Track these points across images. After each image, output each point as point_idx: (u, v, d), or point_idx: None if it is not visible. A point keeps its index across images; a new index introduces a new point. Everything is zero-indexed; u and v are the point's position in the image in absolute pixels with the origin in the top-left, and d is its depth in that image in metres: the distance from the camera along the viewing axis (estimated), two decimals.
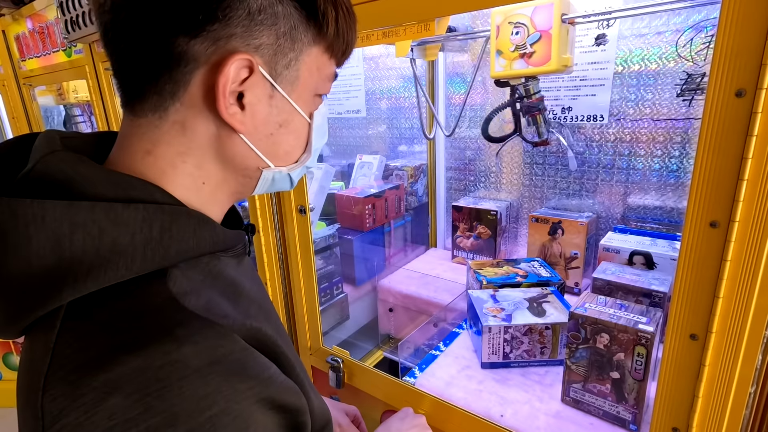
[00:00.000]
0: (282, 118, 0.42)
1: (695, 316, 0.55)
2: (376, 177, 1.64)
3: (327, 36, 0.41)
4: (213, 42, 0.35)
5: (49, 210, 0.31)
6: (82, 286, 0.32)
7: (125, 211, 0.34)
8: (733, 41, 0.46)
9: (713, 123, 0.49)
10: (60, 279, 0.32)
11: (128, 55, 0.36)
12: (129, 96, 0.38)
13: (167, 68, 0.36)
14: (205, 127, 0.39)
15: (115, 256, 0.33)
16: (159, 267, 0.35)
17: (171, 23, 0.35)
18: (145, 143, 0.38)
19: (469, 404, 0.88)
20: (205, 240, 0.38)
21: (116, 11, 0.35)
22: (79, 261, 0.32)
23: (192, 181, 0.40)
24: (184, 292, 0.35)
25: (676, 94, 1.09)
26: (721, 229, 0.51)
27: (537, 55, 0.92)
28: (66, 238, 0.32)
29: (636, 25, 1.10)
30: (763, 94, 0.45)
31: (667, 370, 0.60)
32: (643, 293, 0.95)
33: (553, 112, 1.27)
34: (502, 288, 1.12)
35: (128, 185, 0.36)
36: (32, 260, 0.31)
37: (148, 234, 0.34)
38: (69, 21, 1.31)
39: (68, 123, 2.30)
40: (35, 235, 0.31)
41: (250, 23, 0.36)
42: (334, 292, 1.41)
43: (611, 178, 1.24)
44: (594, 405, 0.84)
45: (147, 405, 0.29)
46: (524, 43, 0.93)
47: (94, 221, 0.32)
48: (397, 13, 0.71)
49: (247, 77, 0.37)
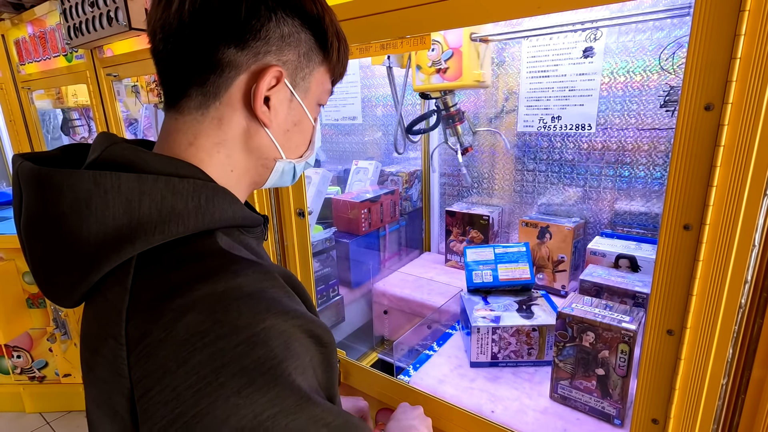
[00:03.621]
0: (296, 118, 0.52)
1: (671, 312, 0.59)
2: (372, 182, 1.68)
3: (331, 60, 0.53)
4: (254, 55, 0.46)
5: (124, 180, 0.40)
6: (152, 238, 0.40)
7: (180, 183, 0.42)
8: (703, 59, 0.51)
9: (685, 134, 0.53)
10: (133, 233, 0.40)
11: (183, 62, 0.45)
12: (175, 98, 0.47)
13: (214, 73, 0.45)
14: (237, 122, 0.48)
15: (174, 216, 0.41)
16: (206, 228, 0.43)
17: (224, 37, 0.44)
18: (188, 136, 0.48)
19: (461, 401, 0.92)
20: (237, 213, 0.47)
21: (181, 27, 0.44)
22: (146, 220, 0.40)
23: (223, 168, 0.49)
24: (230, 246, 0.44)
25: (659, 105, 1.15)
26: (694, 232, 0.55)
27: (450, 71, 1.00)
28: (136, 202, 0.40)
29: (621, 39, 1.15)
30: (729, 108, 0.50)
31: (647, 364, 0.63)
32: (627, 294, 0.99)
33: (543, 120, 1.32)
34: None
35: (179, 165, 0.45)
36: (109, 221, 0.39)
37: (197, 202, 0.43)
38: (72, 27, 1.34)
39: (65, 126, 2.32)
40: (113, 199, 0.39)
41: (282, 43, 0.47)
42: (330, 295, 1.44)
43: (599, 184, 1.29)
44: (581, 401, 0.88)
45: (215, 319, 0.37)
46: (439, 59, 1.01)
47: (157, 190, 0.41)
48: (396, 27, 0.75)
49: (275, 85, 0.48)
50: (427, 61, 1.03)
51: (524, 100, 1.33)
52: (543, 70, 1.28)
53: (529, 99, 1.32)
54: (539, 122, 1.32)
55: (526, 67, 1.30)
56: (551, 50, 1.24)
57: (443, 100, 1.13)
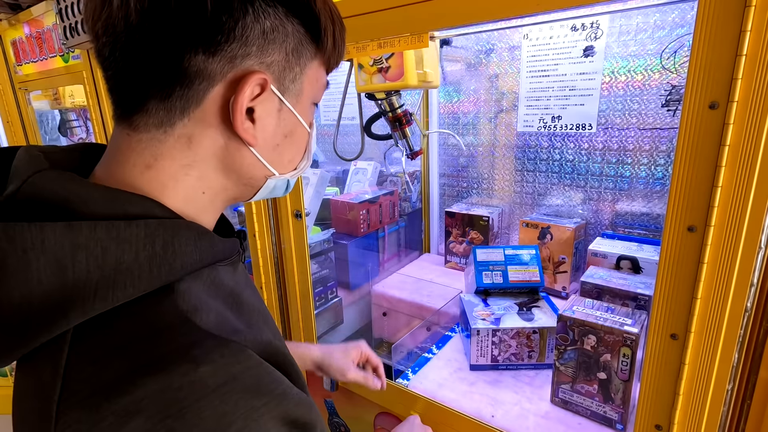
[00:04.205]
0: (288, 129, 0.43)
1: (675, 316, 0.58)
2: (371, 183, 1.67)
3: (326, 49, 0.43)
4: (230, 60, 0.37)
5: (49, 233, 0.30)
6: (90, 307, 0.31)
7: (127, 228, 0.33)
8: (707, 56, 0.50)
9: (689, 133, 0.52)
10: (66, 302, 0.31)
11: (137, 71, 0.36)
12: (128, 110, 0.38)
13: (180, 85, 0.36)
14: (213, 140, 0.39)
15: (120, 275, 0.32)
16: (165, 282, 0.35)
17: (188, 42, 0.35)
18: (146, 158, 0.38)
19: (461, 405, 0.90)
20: (206, 252, 0.38)
21: (129, 30, 0.34)
22: (83, 283, 0.31)
23: (192, 191, 0.40)
24: (194, 308, 0.35)
25: (661, 105, 1.13)
26: (698, 234, 0.54)
27: (392, 70, 0.92)
28: (68, 260, 0.31)
29: (622, 38, 1.14)
30: (735, 106, 0.49)
31: (650, 369, 0.62)
32: (629, 296, 0.98)
33: (543, 120, 1.30)
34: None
35: (125, 201, 0.35)
36: (33, 286, 0.30)
37: (152, 250, 0.34)
38: (68, 27, 1.33)
39: (63, 127, 2.31)
40: (35, 260, 0.30)
41: (264, 42, 0.37)
42: (328, 297, 1.42)
43: (599, 185, 1.28)
44: (582, 405, 0.86)
45: (168, 427, 0.29)
46: (380, 58, 0.92)
47: (96, 241, 0.32)
48: (393, 25, 0.74)
49: (259, 94, 0.39)
50: (368, 60, 0.93)
51: (524, 100, 1.32)
52: (543, 70, 1.26)
53: (529, 99, 1.31)
54: (539, 122, 1.31)
55: (525, 67, 1.29)
56: (551, 49, 1.23)
57: (388, 101, 1.03)
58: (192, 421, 0.30)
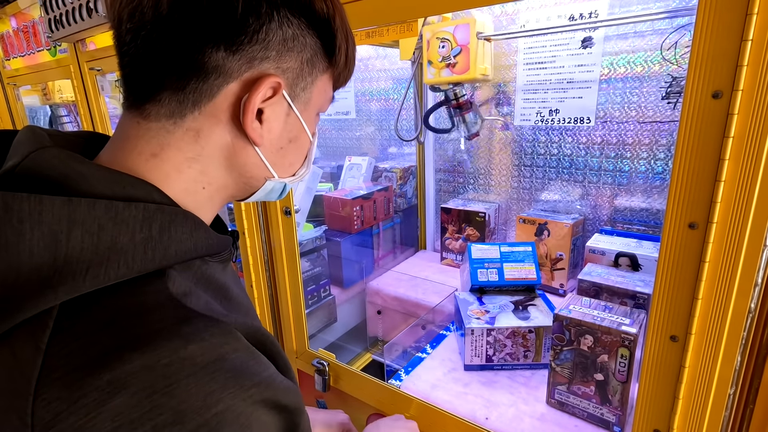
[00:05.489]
0: (293, 134, 0.45)
1: (675, 317, 0.55)
2: (365, 178, 1.64)
3: (337, 66, 0.45)
4: (248, 61, 0.38)
5: (47, 205, 0.30)
6: (81, 284, 0.31)
7: (126, 209, 0.33)
8: (710, 42, 0.46)
9: (691, 125, 0.49)
10: (55, 277, 0.30)
11: (156, 60, 0.37)
12: (141, 98, 0.39)
13: (197, 78, 0.37)
14: (220, 136, 0.40)
15: (114, 254, 0.32)
16: (158, 267, 0.34)
17: (213, 38, 0.36)
18: (153, 146, 0.39)
19: (455, 407, 0.88)
20: (200, 242, 0.38)
21: (157, 19, 0.35)
22: (76, 259, 0.31)
23: (194, 185, 0.41)
24: (184, 293, 0.35)
25: (661, 97, 1.10)
26: (700, 231, 0.51)
27: (459, 66, 1.12)
28: (63, 234, 0.30)
29: (621, 29, 1.11)
30: (740, 95, 0.46)
31: (648, 371, 0.59)
32: (628, 295, 0.95)
33: (540, 114, 1.27)
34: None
35: (127, 184, 0.36)
36: (24, 258, 0.30)
37: (148, 233, 0.34)
38: (53, 20, 1.29)
39: (54, 123, 2.27)
40: (29, 230, 0.30)
41: (284, 48, 0.39)
42: (321, 295, 1.40)
43: (598, 180, 1.25)
44: (579, 407, 0.84)
45: (154, 403, 0.29)
46: (449, 55, 1.13)
47: (94, 218, 0.32)
48: (380, 13, 0.70)
49: (271, 96, 0.40)
50: (437, 57, 1.14)
51: (521, 93, 1.29)
52: (540, 62, 1.23)
53: (526, 91, 1.28)
54: (536, 116, 1.28)
55: (522, 59, 1.26)
56: (549, 41, 1.20)
57: (453, 91, 1.24)
58: (179, 397, 0.30)
